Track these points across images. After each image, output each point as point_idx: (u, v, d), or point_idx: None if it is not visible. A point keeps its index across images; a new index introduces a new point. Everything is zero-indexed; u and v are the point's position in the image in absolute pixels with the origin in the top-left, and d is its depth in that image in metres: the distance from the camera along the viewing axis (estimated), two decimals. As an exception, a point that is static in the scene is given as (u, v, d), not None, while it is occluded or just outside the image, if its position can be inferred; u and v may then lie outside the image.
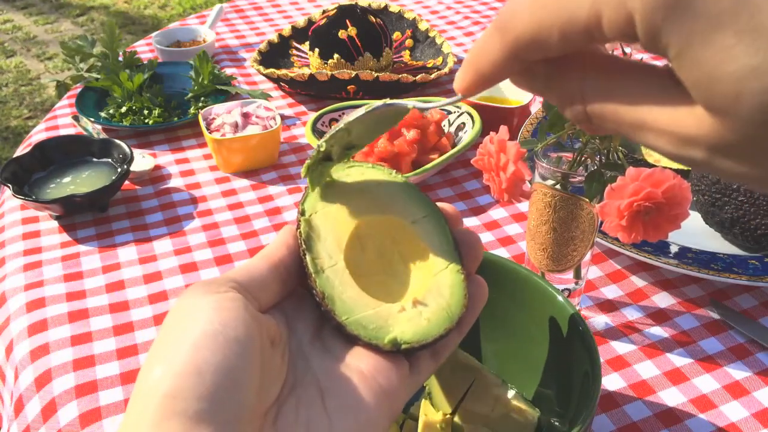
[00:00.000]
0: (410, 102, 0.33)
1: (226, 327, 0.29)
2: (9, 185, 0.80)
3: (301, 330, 0.34)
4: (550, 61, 0.23)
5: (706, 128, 0.20)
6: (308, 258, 0.35)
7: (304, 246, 0.35)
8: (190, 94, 1.04)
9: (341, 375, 0.32)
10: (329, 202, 0.37)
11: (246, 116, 0.92)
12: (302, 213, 0.36)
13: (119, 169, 0.83)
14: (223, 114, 0.92)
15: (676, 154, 0.21)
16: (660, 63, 0.22)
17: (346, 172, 0.39)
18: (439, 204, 0.39)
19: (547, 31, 0.21)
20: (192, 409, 0.27)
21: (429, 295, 0.35)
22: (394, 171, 0.40)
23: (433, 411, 0.50)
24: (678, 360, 0.62)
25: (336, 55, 1.03)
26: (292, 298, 0.36)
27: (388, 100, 0.34)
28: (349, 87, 1.00)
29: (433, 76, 1.02)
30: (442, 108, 0.94)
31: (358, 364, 0.33)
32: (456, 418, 0.50)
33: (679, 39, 0.19)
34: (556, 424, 0.50)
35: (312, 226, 0.36)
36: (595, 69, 0.23)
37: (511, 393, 0.51)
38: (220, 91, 1.04)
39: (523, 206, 0.82)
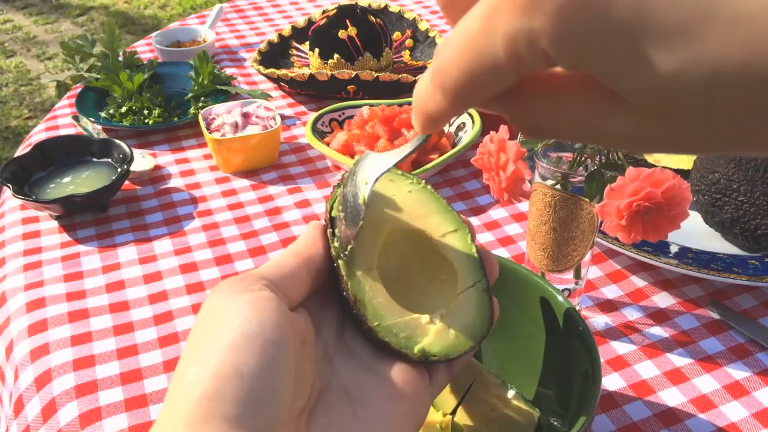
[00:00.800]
0: (390, 160, 0.34)
1: (264, 328, 0.29)
2: (9, 185, 0.80)
3: (326, 331, 0.34)
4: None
5: (645, 128, 0.21)
6: (341, 261, 0.35)
7: (334, 250, 0.35)
8: (190, 94, 1.04)
9: (370, 383, 0.32)
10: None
11: (246, 116, 0.92)
12: (331, 212, 0.36)
13: (119, 169, 0.83)
14: (223, 114, 0.92)
15: (627, 151, 0.22)
16: None
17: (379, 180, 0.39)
18: None
19: (479, 78, 0.22)
20: (231, 412, 0.26)
21: (456, 311, 0.36)
22: (424, 181, 0.40)
23: (433, 411, 0.50)
24: (678, 360, 0.62)
25: (336, 55, 1.03)
26: (315, 297, 0.35)
27: (370, 175, 0.34)
28: (349, 87, 1.00)
29: (433, 76, 1.02)
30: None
31: (386, 372, 0.33)
32: (456, 418, 0.50)
33: (598, 62, 0.19)
34: (556, 424, 0.50)
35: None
36: (537, 93, 0.23)
37: (511, 393, 0.51)
38: (220, 91, 1.04)
39: (523, 206, 0.82)
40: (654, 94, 0.19)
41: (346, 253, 0.35)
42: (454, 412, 0.50)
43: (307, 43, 1.13)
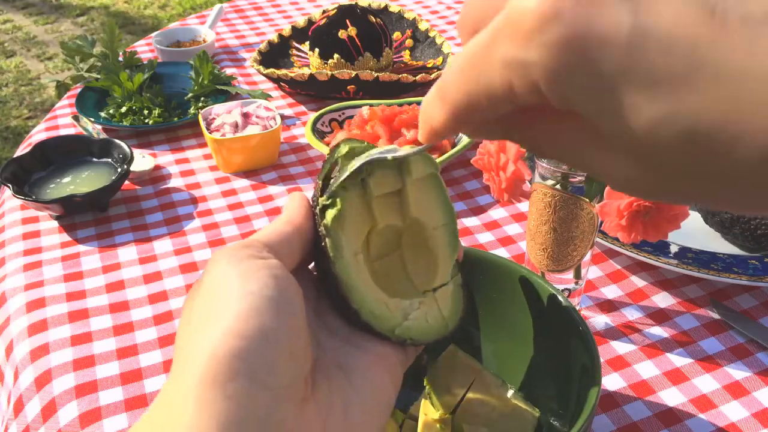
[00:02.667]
0: (389, 154, 0.34)
1: (282, 294, 0.29)
2: (9, 185, 0.80)
3: (306, 305, 0.35)
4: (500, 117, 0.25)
5: (629, 171, 0.21)
6: (329, 241, 0.35)
7: (324, 228, 0.35)
8: (190, 94, 1.04)
9: (356, 355, 0.33)
10: (355, 188, 0.37)
11: (246, 116, 0.92)
12: (322, 191, 0.36)
13: (119, 169, 0.83)
14: (223, 114, 0.92)
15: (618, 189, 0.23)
16: None
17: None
18: None
19: (476, 100, 0.23)
20: (257, 372, 0.27)
21: (433, 301, 0.38)
22: (436, 166, 0.40)
23: (432, 411, 0.50)
24: (678, 360, 0.62)
25: (336, 55, 1.03)
26: (294, 270, 0.36)
27: (369, 155, 0.35)
28: (349, 87, 1.00)
29: (433, 76, 1.02)
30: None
31: (369, 346, 0.34)
32: (456, 418, 0.50)
33: (584, 102, 0.20)
34: (556, 424, 0.50)
35: (336, 210, 0.36)
36: (535, 120, 0.24)
37: (510, 393, 0.51)
38: (220, 91, 1.04)
39: (523, 206, 0.82)
40: (634, 140, 0.20)
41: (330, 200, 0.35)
42: (453, 412, 0.50)
43: (307, 43, 1.13)
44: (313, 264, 0.37)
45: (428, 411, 0.50)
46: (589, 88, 0.19)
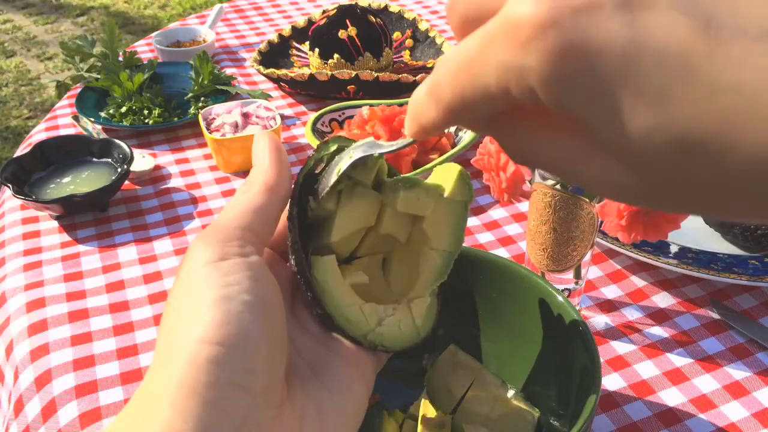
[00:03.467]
0: (373, 150, 0.33)
1: (263, 298, 0.29)
2: (9, 185, 0.80)
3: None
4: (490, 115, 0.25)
5: (621, 178, 0.22)
6: (310, 244, 0.35)
7: (299, 233, 0.34)
8: (190, 94, 1.04)
9: (328, 357, 0.33)
10: (356, 192, 0.36)
11: (246, 116, 0.92)
12: (308, 191, 0.35)
13: (119, 169, 0.83)
14: (223, 114, 0.92)
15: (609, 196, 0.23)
16: None
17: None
18: None
19: (471, 100, 0.23)
20: (237, 379, 0.27)
21: (406, 309, 0.37)
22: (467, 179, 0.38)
23: (432, 410, 0.50)
24: (678, 360, 0.62)
25: (336, 55, 1.03)
26: (269, 252, 0.35)
27: (351, 156, 0.34)
28: (349, 87, 1.00)
29: (433, 76, 1.02)
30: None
31: (341, 348, 0.34)
32: (456, 418, 0.50)
33: (580, 108, 0.20)
34: (556, 424, 0.50)
35: (322, 208, 0.35)
36: (526, 120, 0.24)
37: (511, 393, 0.51)
38: (220, 91, 1.04)
39: (523, 206, 0.82)
40: (628, 146, 0.20)
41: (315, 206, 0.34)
42: (454, 412, 0.50)
43: (307, 43, 1.13)
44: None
45: (428, 411, 0.50)
46: (586, 95, 0.20)
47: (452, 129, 0.93)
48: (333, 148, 0.35)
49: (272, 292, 0.30)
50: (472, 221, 0.81)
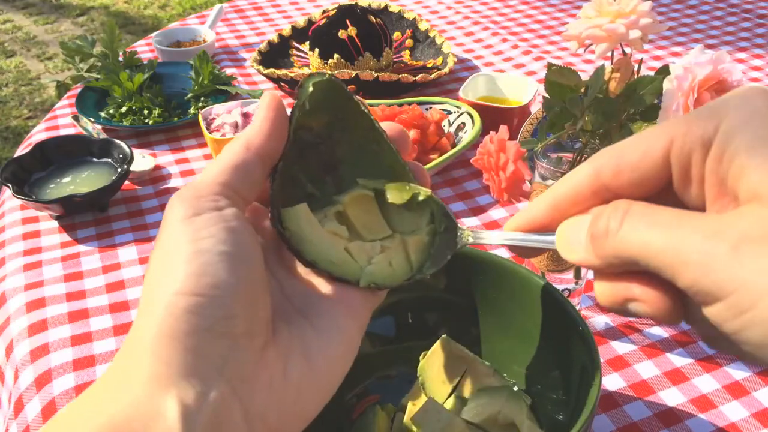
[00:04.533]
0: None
1: (237, 248, 0.30)
2: (9, 185, 0.80)
3: (267, 250, 0.34)
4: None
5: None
6: (275, 192, 0.34)
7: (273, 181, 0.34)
8: (190, 94, 1.04)
9: (319, 298, 0.34)
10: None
11: (246, 116, 0.92)
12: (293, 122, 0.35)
13: (119, 169, 0.83)
14: (223, 114, 0.92)
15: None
16: None
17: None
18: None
19: (628, 158, 0.27)
20: (214, 325, 0.28)
21: (399, 245, 0.37)
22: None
23: (421, 399, 0.50)
24: (678, 360, 0.62)
25: (336, 55, 1.03)
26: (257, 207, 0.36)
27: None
28: (349, 87, 1.00)
29: (433, 76, 1.02)
30: (443, 109, 0.94)
31: (330, 289, 0.34)
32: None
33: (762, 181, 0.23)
34: (556, 423, 0.50)
35: (299, 145, 0.35)
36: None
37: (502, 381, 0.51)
38: (220, 91, 1.04)
39: (523, 206, 0.82)
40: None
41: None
42: (449, 398, 0.51)
43: (307, 43, 1.13)
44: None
45: (417, 400, 0.50)
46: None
47: (452, 129, 0.93)
48: (315, 80, 0.35)
49: (249, 241, 0.31)
50: (472, 221, 0.81)
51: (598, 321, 0.66)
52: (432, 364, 0.51)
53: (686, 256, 0.23)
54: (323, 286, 0.34)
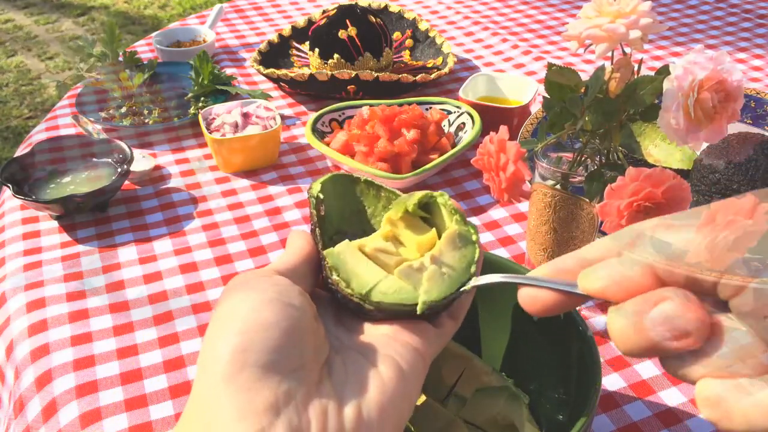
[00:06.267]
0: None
1: (282, 295, 0.33)
2: (9, 185, 0.80)
3: (325, 317, 0.38)
4: None
5: None
6: (318, 232, 0.39)
7: (316, 220, 0.39)
8: (190, 94, 1.04)
9: (375, 340, 0.36)
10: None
11: (246, 116, 0.92)
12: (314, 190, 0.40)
13: (119, 169, 0.84)
14: (223, 114, 0.92)
15: None
16: None
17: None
18: None
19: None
20: (262, 360, 0.30)
21: (442, 254, 0.37)
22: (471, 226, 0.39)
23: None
24: (678, 360, 0.62)
25: (336, 55, 1.03)
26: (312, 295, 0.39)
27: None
28: (349, 87, 1.00)
29: (433, 76, 1.02)
30: (443, 109, 0.94)
31: (382, 331, 0.36)
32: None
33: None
34: (556, 423, 0.50)
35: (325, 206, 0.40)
36: None
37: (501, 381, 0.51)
38: (220, 91, 1.04)
39: (523, 206, 0.82)
40: None
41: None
42: (447, 397, 0.51)
43: (307, 43, 1.13)
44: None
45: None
46: None
47: (452, 129, 0.93)
48: (318, 187, 0.40)
49: (293, 291, 0.34)
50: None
51: (598, 321, 0.66)
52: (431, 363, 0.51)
53: None
54: (378, 331, 0.36)
